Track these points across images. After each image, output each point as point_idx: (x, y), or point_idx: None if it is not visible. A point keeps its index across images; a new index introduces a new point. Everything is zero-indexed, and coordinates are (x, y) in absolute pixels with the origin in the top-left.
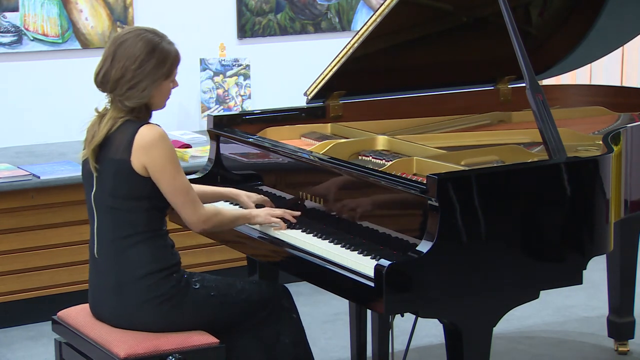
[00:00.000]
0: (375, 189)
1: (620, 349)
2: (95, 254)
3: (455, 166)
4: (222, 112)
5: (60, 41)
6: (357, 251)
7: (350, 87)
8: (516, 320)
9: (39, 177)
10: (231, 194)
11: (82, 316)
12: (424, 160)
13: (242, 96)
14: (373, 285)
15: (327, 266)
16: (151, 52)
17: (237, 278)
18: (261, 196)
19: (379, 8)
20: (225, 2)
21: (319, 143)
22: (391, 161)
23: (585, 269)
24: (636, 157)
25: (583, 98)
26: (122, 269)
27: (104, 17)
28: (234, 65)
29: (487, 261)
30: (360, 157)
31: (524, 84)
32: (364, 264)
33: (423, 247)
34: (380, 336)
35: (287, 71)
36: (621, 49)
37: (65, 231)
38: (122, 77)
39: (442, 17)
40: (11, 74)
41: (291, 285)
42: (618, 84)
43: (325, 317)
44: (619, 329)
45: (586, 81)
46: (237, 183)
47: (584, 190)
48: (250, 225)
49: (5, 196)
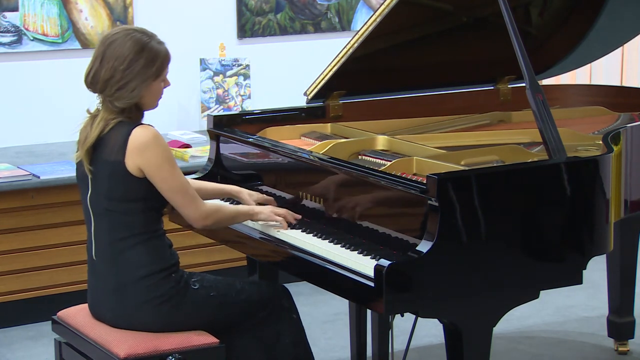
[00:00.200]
0: (375, 188)
1: (620, 349)
2: (94, 256)
3: (455, 166)
4: (222, 112)
5: (60, 41)
6: (357, 251)
7: (350, 87)
8: (516, 320)
9: (38, 177)
10: (233, 191)
11: (82, 316)
12: (423, 160)
13: (242, 96)
14: (373, 285)
15: (327, 266)
16: (140, 52)
17: (237, 278)
18: (264, 195)
19: (379, 8)
20: (225, 2)
21: (318, 143)
22: (391, 161)
23: (585, 269)
24: (636, 157)
25: (583, 98)
26: (120, 270)
27: (103, 17)
28: (233, 65)
29: (487, 261)
30: (360, 157)
31: (523, 84)
32: (364, 264)
33: (423, 247)
34: (380, 336)
35: (287, 71)
36: (621, 49)
37: (65, 231)
38: (112, 78)
39: (442, 17)
40: (11, 74)
41: (291, 285)
42: (618, 84)
43: (325, 317)
44: (619, 329)
45: (586, 81)
46: (237, 183)
47: (584, 190)
48: (252, 222)
49: (5, 196)
